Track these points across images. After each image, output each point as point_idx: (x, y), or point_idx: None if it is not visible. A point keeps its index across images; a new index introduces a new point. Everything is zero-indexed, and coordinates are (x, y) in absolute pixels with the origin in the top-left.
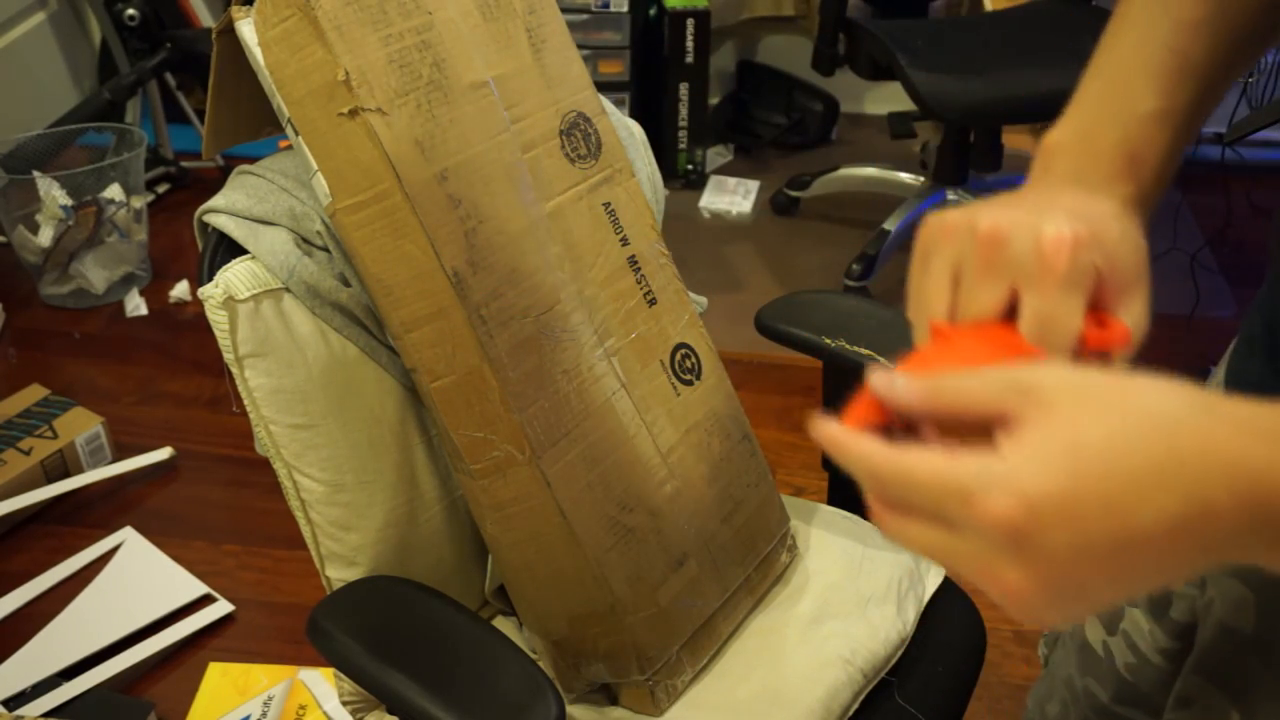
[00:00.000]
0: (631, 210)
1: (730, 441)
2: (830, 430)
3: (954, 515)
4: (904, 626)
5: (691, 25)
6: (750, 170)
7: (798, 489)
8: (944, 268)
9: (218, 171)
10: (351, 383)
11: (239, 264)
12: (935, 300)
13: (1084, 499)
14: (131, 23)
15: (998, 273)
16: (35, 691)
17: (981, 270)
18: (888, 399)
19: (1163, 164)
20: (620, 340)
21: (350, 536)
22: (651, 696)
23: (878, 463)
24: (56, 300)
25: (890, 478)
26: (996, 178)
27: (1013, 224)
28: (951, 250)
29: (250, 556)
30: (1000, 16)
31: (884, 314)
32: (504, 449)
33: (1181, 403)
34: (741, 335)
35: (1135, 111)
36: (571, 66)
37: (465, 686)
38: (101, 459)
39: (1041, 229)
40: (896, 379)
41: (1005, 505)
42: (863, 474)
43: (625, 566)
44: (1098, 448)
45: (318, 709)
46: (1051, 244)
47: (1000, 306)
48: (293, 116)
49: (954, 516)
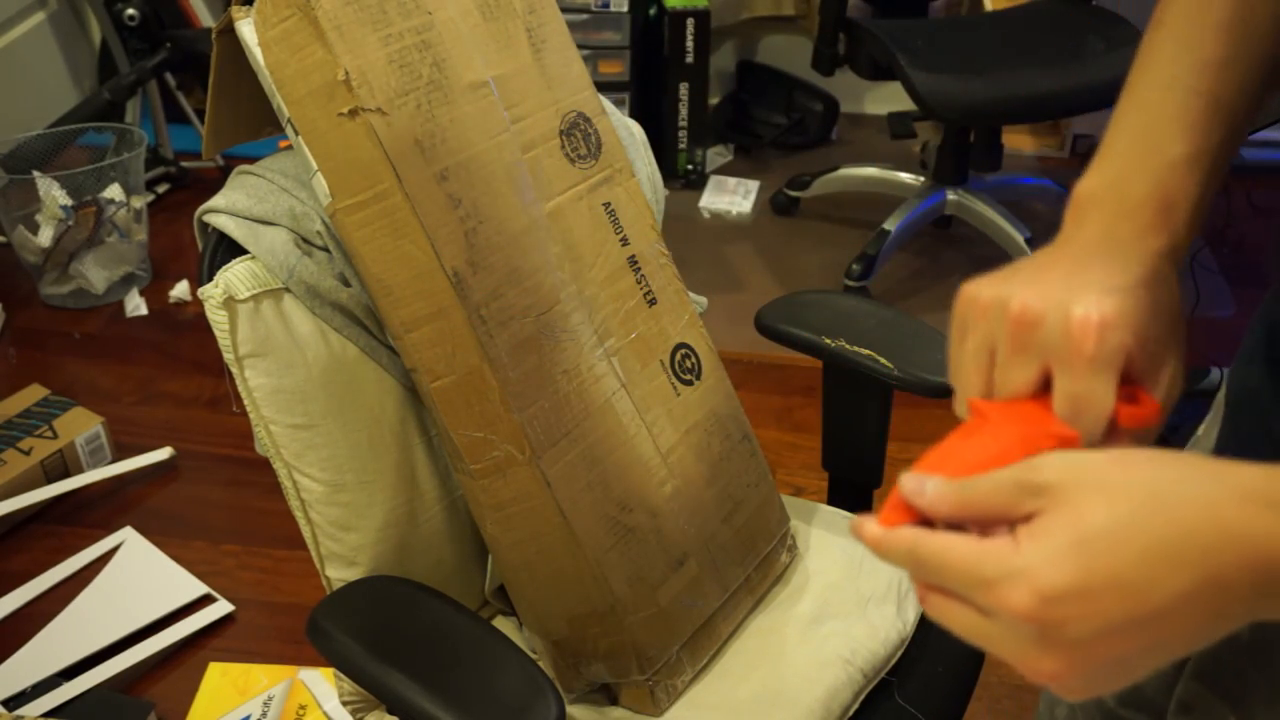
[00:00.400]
0: (631, 210)
1: (730, 441)
2: (869, 531)
3: (982, 604)
4: (904, 626)
5: (691, 25)
6: (750, 170)
7: (798, 489)
8: (980, 345)
9: (218, 171)
10: (351, 383)
11: (239, 264)
12: (972, 377)
13: (1097, 587)
14: (131, 23)
15: (1030, 353)
16: (35, 691)
17: (1014, 350)
18: (916, 505)
19: (1195, 208)
20: (620, 340)
21: (350, 536)
22: (651, 696)
23: (915, 549)
24: (56, 300)
25: (927, 562)
26: (996, 178)
27: (1044, 304)
28: (986, 328)
29: (250, 556)
30: (1000, 16)
31: (884, 314)
32: (504, 449)
33: (1184, 476)
34: (741, 335)
35: (1165, 158)
36: (571, 66)
37: (465, 686)
38: (101, 459)
39: (1071, 311)
40: (924, 484)
41: (1023, 600)
42: (902, 560)
43: (625, 566)
44: (1105, 534)
45: (318, 709)
46: (1079, 327)
47: (1033, 385)
48: (293, 116)
49: (983, 605)
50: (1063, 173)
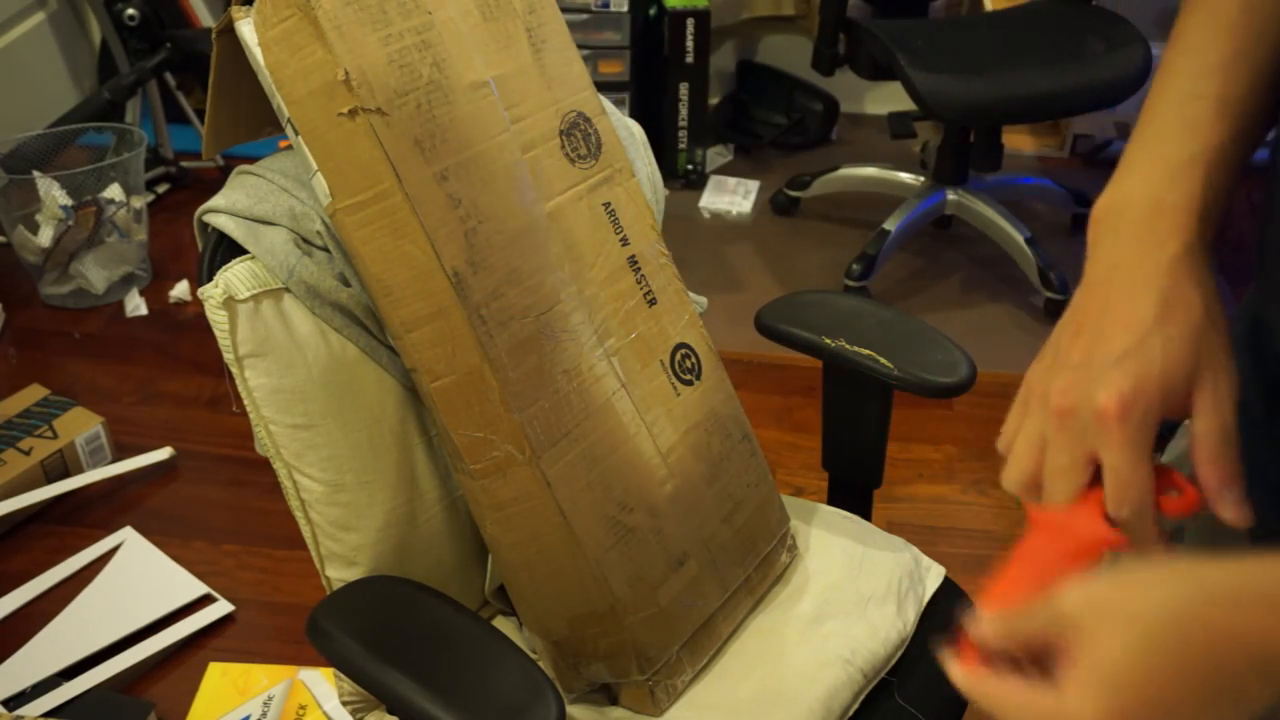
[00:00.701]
0: (631, 210)
1: (730, 441)
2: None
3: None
4: (904, 626)
5: (691, 25)
6: (750, 170)
7: (798, 489)
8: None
9: (218, 171)
10: (351, 383)
11: (239, 264)
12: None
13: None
14: (131, 23)
15: (1072, 438)
16: (35, 691)
17: (1058, 439)
18: (977, 641)
19: (1204, 206)
20: (620, 340)
21: (350, 536)
22: (651, 696)
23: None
24: (56, 300)
25: (994, 707)
26: (996, 178)
27: (1075, 397)
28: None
29: (250, 556)
30: (1000, 16)
31: (884, 314)
32: (504, 449)
33: (1177, 594)
34: (741, 335)
35: (1168, 165)
36: (571, 66)
37: (465, 686)
38: (101, 459)
39: (1095, 401)
40: (980, 621)
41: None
42: (978, 702)
43: (625, 566)
44: (1127, 668)
45: (318, 709)
46: (1102, 416)
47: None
48: (293, 116)
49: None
50: (1063, 173)
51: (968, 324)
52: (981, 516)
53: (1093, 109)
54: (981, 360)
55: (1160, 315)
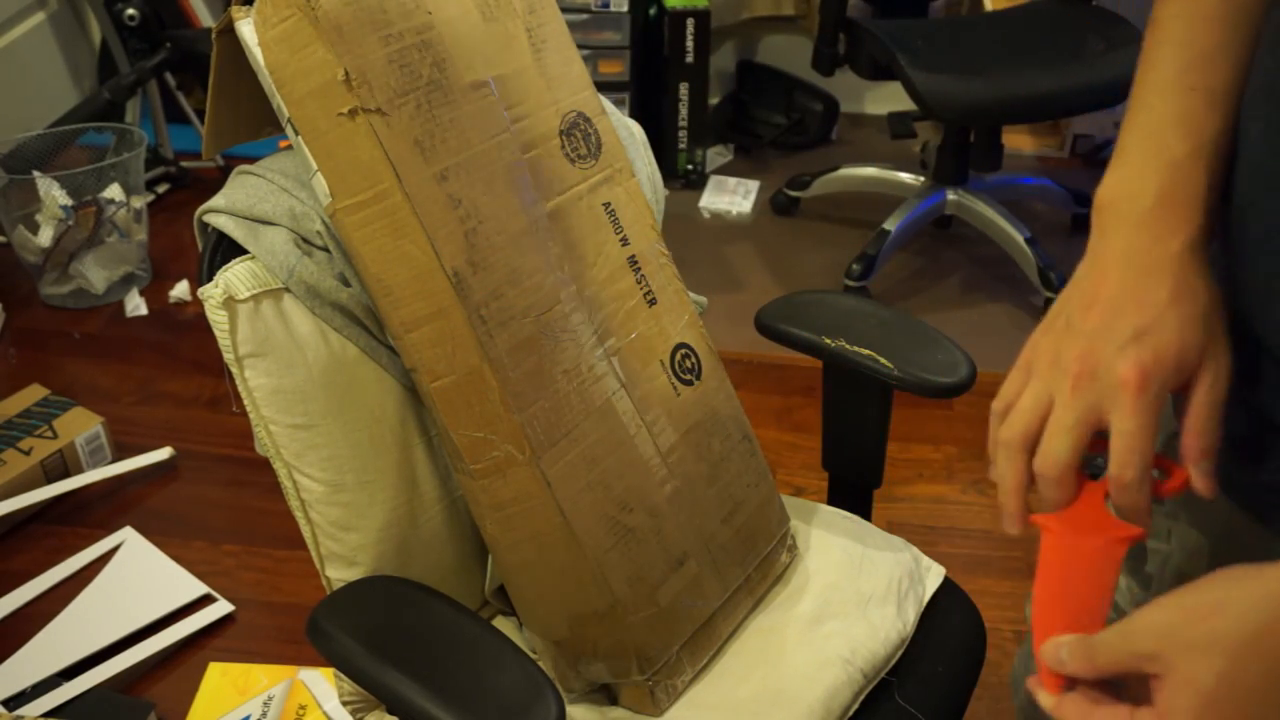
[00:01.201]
0: (631, 210)
1: (730, 441)
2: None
3: None
4: (904, 626)
5: (691, 25)
6: (750, 170)
7: (798, 489)
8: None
9: (218, 171)
10: (351, 383)
11: (239, 264)
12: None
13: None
14: (131, 23)
15: (1084, 403)
16: (35, 691)
17: (1068, 400)
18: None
19: (1207, 199)
20: (620, 340)
21: (350, 536)
22: (651, 696)
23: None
24: (56, 300)
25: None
26: (996, 177)
27: (1095, 361)
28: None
29: (250, 556)
30: (1000, 16)
31: (884, 314)
32: (504, 449)
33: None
34: (741, 335)
35: (1169, 158)
36: (571, 66)
37: (465, 686)
38: (101, 459)
39: (1116, 369)
40: (1060, 652)
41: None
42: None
43: (625, 566)
44: (1218, 689)
45: (318, 709)
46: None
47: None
48: (293, 116)
49: None
50: (1063, 173)
51: (968, 324)
52: (981, 516)
53: (1093, 109)
54: (981, 360)
55: (1172, 299)
